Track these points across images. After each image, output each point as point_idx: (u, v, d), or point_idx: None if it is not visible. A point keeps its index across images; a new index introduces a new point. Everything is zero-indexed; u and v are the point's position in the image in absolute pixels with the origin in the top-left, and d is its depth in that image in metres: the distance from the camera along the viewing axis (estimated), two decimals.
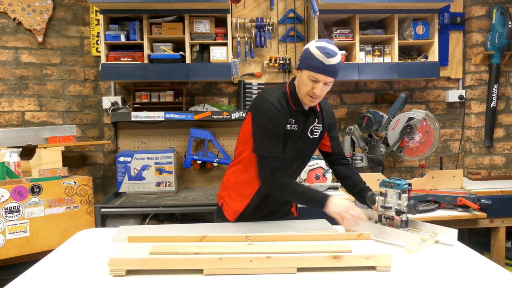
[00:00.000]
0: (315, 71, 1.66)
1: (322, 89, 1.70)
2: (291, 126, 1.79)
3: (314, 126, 1.87)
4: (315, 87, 1.69)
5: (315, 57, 1.66)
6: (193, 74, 2.92)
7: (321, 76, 1.67)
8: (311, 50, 1.67)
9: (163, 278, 1.33)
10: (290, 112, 1.78)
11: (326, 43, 1.68)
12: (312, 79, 1.68)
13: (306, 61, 1.69)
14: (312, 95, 1.72)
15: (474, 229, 3.06)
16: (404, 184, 1.68)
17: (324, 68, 1.65)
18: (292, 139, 1.81)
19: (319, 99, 1.76)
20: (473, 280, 1.31)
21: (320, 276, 1.34)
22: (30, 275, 1.39)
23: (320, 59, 1.65)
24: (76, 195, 2.67)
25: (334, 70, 1.67)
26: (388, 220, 1.72)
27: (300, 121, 1.81)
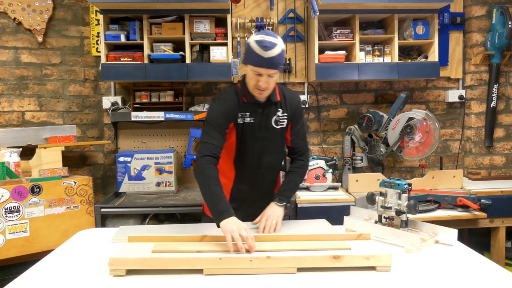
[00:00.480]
0: (256, 65, 1.70)
1: (267, 81, 1.73)
2: (243, 119, 1.84)
3: (279, 116, 1.89)
4: (260, 80, 1.73)
5: (254, 51, 1.69)
6: (193, 74, 2.92)
7: (262, 69, 1.70)
8: (251, 44, 1.71)
9: (163, 278, 1.33)
10: (241, 106, 1.84)
11: (264, 36, 1.69)
12: (255, 73, 1.72)
13: (247, 56, 1.74)
14: (258, 87, 1.76)
15: (474, 229, 3.06)
16: (404, 184, 1.68)
17: (263, 61, 1.68)
18: (251, 132, 1.85)
19: (267, 91, 1.79)
20: (473, 280, 1.31)
21: (320, 276, 1.34)
22: (30, 275, 1.39)
23: (259, 53, 1.67)
24: (76, 195, 2.66)
25: (274, 62, 1.69)
26: (388, 220, 1.72)
27: (256, 113, 1.85)
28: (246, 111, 1.84)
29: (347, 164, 3.02)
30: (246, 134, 1.85)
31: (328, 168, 2.92)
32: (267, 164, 1.93)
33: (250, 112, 1.84)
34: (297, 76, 3.32)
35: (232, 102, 1.83)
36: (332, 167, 2.93)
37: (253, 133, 1.86)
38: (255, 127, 1.86)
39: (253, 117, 1.85)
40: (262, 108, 1.86)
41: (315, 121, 3.39)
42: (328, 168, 2.92)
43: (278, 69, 1.74)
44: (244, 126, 1.84)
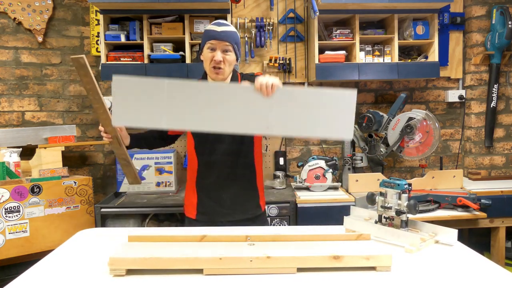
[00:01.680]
0: (209, 39, 1.79)
1: (222, 56, 1.78)
2: None
3: None
4: (215, 55, 1.78)
5: (208, 30, 1.81)
6: (193, 74, 2.92)
7: (215, 41, 1.78)
8: (206, 27, 1.85)
9: (163, 278, 1.33)
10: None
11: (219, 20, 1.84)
12: (210, 48, 1.79)
13: (203, 38, 1.83)
14: (214, 64, 1.79)
15: (474, 229, 3.06)
16: (404, 184, 1.68)
17: (217, 34, 1.77)
18: None
19: (222, 70, 1.81)
20: (473, 280, 1.31)
21: (320, 276, 1.34)
22: (30, 275, 1.39)
23: (212, 28, 1.79)
24: (76, 195, 2.67)
25: (227, 35, 1.78)
26: (388, 220, 1.72)
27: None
28: None
29: (347, 164, 3.03)
30: None
31: (328, 168, 2.92)
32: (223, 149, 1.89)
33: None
34: (297, 76, 3.32)
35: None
36: (332, 167, 2.93)
37: None
38: None
39: None
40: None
41: None
42: (328, 168, 2.92)
43: (231, 44, 1.79)
44: None
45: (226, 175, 1.92)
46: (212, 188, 1.93)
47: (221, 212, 1.94)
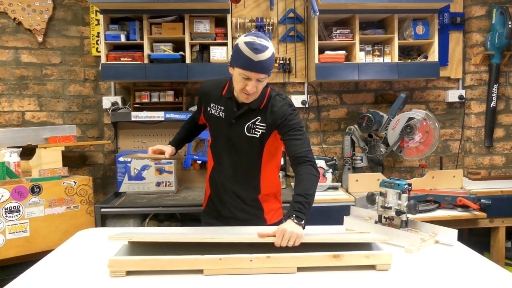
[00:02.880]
0: (245, 68, 1.59)
1: (255, 86, 1.64)
2: (214, 110, 1.82)
3: (254, 123, 1.77)
4: (248, 84, 1.63)
5: (244, 53, 1.57)
6: (193, 74, 2.92)
7: (251, 73, 1.60)
8: (240, 46, 1.60)
9: (163, 278, 1.33)
10: (218, 98, 1.81)
11: (254, 38, 1.59)
12: (244, 77, 1.62)
13: (236, 58, 1.62)
14: (246, 92, 1.66)
15: (474, 229, 3.06)
16: (404, 184, 1.68)
17: (254, 65, 1.58)
18: (218, 126, 1.84)
19: (254, 95, 1.70)
20: (473, 280, 1.31)
21: (320, 275, 1.34)
22: (30, 275, 1.39)
23: (249, 55, 1.56)
24: (76, 195, 2.66)
25: (264, 66, 1.60)
26: (388, 220, 1.72)
27: (229, 111, 1.79)
28: (221, 105, 1.80)
29: (347, 164, 3.03)
30: (214, 126, 1.87)
31: (328, 168, 2.92)
32: (228, 164, 1.86)
33: (225, 107, 1.79)
34: (297, 76, 3.32)
35: (211, 90, 1.85)
36: (332, 167, 2.93)
37: (220, 128, 1.83)
38: (223, 123, 1.81)
39: (225, 113, 1.79)
40: (237, 108, 1.78)
41: (315, 121, 3.39)
42: (328, 168, 2.92)
43: (268, 74, 1.64)
44: (211, 117, 1.85)
45: (232, 175, 1.90)
46: (219, 187, 1.94)
47: (224, 210, 1.94)
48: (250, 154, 1.85)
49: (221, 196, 1.93)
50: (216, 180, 1.94)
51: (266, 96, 1.79)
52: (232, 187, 1.90)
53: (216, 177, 1.94)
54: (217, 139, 1.88)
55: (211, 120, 1.86)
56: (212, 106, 1.82)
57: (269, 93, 1.80)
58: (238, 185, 1.90)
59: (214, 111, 1.82)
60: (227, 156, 1.88)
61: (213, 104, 1.82)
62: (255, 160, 1.86)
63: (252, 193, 1.92)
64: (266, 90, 1.79)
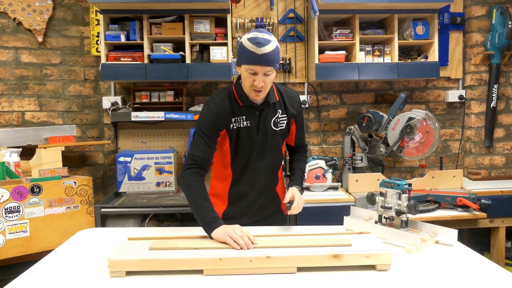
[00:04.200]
0: (250, 63, 1.64)
1: (263, 80, 1.67)
2: (238, 123, 1.78)
3: (278, 117, 1.83)
4: (256, 79, 1.66)
5: (248, 49, 1.63)
6: (193, 74, 2.92)
7: (257, 67, 1.64)
8: (243, 43, 1.65)
9: (163, 278, 1.33)
10: (236, 110, 1.77)
11: (257, 33, 1.65)
12: (250, 72, 1.66)
13: (241, 55, 1.68)
14: (254, 88, 1.69)
15: (474, 229, 3.06)
16: (404, 184, 1.68)
17: (258, 59, 1.62)
18: (247, 136, 1.80)
19: (264, 91, 1.72)
20: (473, 280, 1.31)
21: (320, 275, 1.34)
22: (30, 275, 1.39)
23: (252, 50, 1.62)
24: (76, 195, 2.66)
25: (269, 58, 1.63)
26: (388, 220, 1.72)
27: (252, 116, 1.79)
28: (242, 115, 1.78)
29: (347, 164, 3.03)
30: (241, 139, 1.79)
31: (328, 168, 2.92)
32: (266, 166, 1.87)
33: (246, 115, 1.78)
34: (297, 76, 3.32)
35: (224, 108, 1.75)
36: (332, 167, 2.93)
37: (250, 137, 1.80)
38: (252, 131, 1.79)
39: (249, 121, 1.78)
40: (259, 110, 1.79)
41: (315, 121, 3.39)
42: (328, 168, 2.92)
43: (274, 67, 1.67)
44: (239, 131, 1.78)
45: (258, 186, 1.89)
46: (242, 196, 1.89)
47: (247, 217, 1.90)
48: (278, 149, 1.91)
49: (243, 204, 1.89)
50: (240, 190, 1.87)
51: (274, 89, 1.87)
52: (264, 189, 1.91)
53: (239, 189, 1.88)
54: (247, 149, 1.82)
55: (239, 134, 1.79)
56: (233, 121, 1.78)
57: (275, 86, 1.89)
58: (269, 185, 1.93)
59: (238, 124, 1.78)
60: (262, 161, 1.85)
61: (233, 119, 1.78)
62: (280, 153, 1.94)
63: (273, 187, 1.96)
64: (272, 85, 1.86)
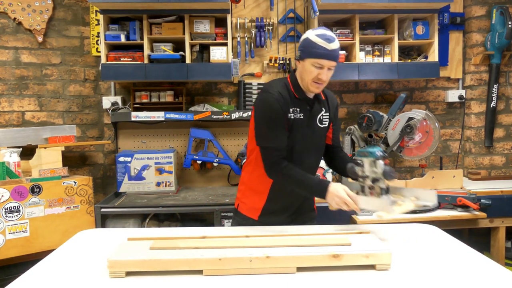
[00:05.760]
0: (320, 57, 1.72)
1: (326, 74, 1.76)
2: (295, 114, 1.81)
3: (322, 115, 1.90)
4: (321, 73, 1.74)
5: (318, 44, 1.71)
6: (193, 74, 2.92)
7: (325, 61, 1.72)
8: (312, 38, 1.73)
9: (163, 278, 1.33)
10: (292, 101, 1.81)
11: (324, 30, 1.74)
12: (317, 66, 1.73)
13: (309, 50, 1.74)
14: (318, 81, 1.77)
15: (474, 229, 3.06)
16: (376, 151, 1.66)
17: (328, 54, 1.71)
18: (299, 128, 1.82)
19: (325, 84, 1.80)
20: (473, 279, 1.31)
21: (320, 275, 1.34)
22: (30, 276, 1.39)
23: (323, 45, 1.70)
24: (76, 195, 2.67)
25: (336, 54, 1.74)
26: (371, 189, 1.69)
27: (305, 110, 1.84)
28: (297, 107, 1.83)
29: None
30: (294, 131, 1.83)
31: (328, 168, 2.91)
32: (310, 162, 1.90)
33: (300, 108, 1.84)
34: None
35: (284, 96, 1.80)
36: None
37: (301, 130, 1.84)
38: (303, 124, 1.83)
39: (302, 113, 1.84)
40: (310, 105, 1.86)
41: None
42: (328, 168, 2.91)
43: (337, 62, 1.77)
44: (294, 122, 1.82)
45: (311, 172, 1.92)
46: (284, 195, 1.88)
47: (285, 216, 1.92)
48: (321, 147, 1.96)
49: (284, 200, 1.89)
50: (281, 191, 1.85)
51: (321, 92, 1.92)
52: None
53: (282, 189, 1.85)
54: (297, 141, 1.84)
55: (293, 126, 1.81)
56: (291, 111, 1.81)
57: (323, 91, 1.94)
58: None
59: (295, 115, 1.82)
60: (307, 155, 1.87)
61: (292, 109, 1.82)
62: (322, 151, 1.99)
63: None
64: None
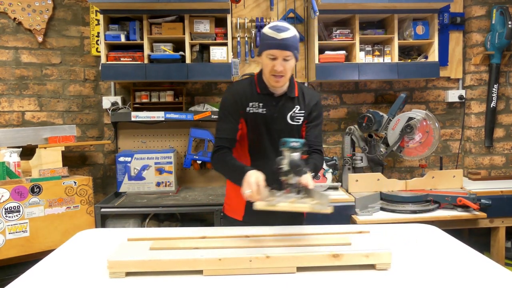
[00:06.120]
0: (270, 47, 1.73)
1: (282, 65, 1.74)
2: (255, 109, 1.84)
3: (295, 112, 1.89)
4: (275, 64, 1.74)
5: (268, 35, 1.74)
6: (193, 74, 2.92)
7: (276, 51, 1.73)
8: (264, 31, 1.77)
9: (163, 278, 1.33)
10: (254, 96, 1.85)
11: (277, 22, 1.77)
12: (270, 57, 1.75)
13: (262, 43, 1.78)
14: (274, 73, 1.77)
15: (474, 229, 3.06)
16: (291, 141, 1.55)
17: (278, 43, 1.71)
18: (264, 123, 1.85)
19: (284, 77, 1.79)
20: (473, 279, 1.31)
21: (320, 275, 1.34)
22: (30, 276, 1.39)
23: (272, 35, 1.72)
24: (76, 195, 2.67)
25: (287, 43, 1.72)
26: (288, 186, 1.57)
27: (269, 105, 1.85)
28: (259, 102, 1.85)
29: (347, 164, 3.02)
30: (258, 125, 1.86)
31: (328, 168, 2.92)
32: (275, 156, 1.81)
33: (263, 103, 1.85)
34: (297, 76, 3.31)
35: (244, 91, 1.85)
36: (332, 167, 2.93)
37: (267, 124, 1.86)
38: (267, 119, 1.85)
39: (265, 108, 1.85)
40: (276, 101, 1.86)
41: None
42: (328, 168, 2.92)
43: (293, 53, 1.75)
44: (256, 116, 1.84)
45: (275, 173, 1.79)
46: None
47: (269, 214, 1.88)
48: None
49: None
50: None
51: (295, 85, 1.92)
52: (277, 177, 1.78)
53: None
54: (259, 136, 1.87)
55: (253, 119, 1.85)
56: (251, 105, 1.85)
57: (297, 83, 1.94)
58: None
59: (255, 109, 1.85)
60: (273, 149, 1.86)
61: (251, 103, 1.85)
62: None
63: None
64: (294, 81, 1.92)
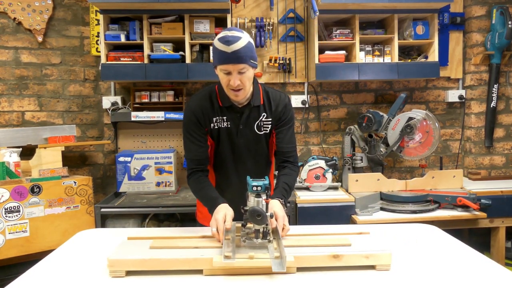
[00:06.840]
0: (222, 62, 1.60)
1: (238, 78, 1.61)
2: (219, 123, 1.75)
3: (262, 121, 1.78)
4: (230, 79, 1.61)
5: (218, 49, 1.60)
6: (193, 74, 2.92)
7: (229, 66, 1.59)
8: (215, 43, 1.62)
9: (163, 278, 1.33)
10: (216, 110, 1.74)
11: (227, 32, 1.61)
12: (225, 72, 1.62)
13: (214, 56, 1.65)
14: (231, 87, 1.64)
15: (474, 229, 3.06)
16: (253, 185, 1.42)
17: (229, 57, 1.57)
18: (228, 137, 1.77)
19: (243, 90, 1.66)
20: (473, 279, 1.31)
21: (320, 275, 1.34)
22: (30, 276, 1.39)
23: (222, 49, 1.58)
24: (76, 195, 2.67)
25: (239, 55, 1.57)
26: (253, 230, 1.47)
27: (233, 118, 1.75)
28: (222, 115, 1.74)
29: (347, 164, 3.03)
30: (222, 140, 1.77)
31: (328, 168, 2.92)
32: (245, 169, 1.80)
33: (227, 116, 1.74)
34: (297, 76, 3.32)
35: (205, 107, 1.72)
36: (332, 167, 2.93)
37: (231, 138, 1.76)
38: (232, 132, 1.76)
39: (229, 122, 1.74)
40: (240, 113, 1.75)
41: (315, 121, 3.39)
42: (328, 168, 2.92)
43: (247, 64, 1.60)
44: (220, 131, 1.75)
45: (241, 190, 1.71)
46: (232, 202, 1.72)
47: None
48: (262, 154, 1.85)
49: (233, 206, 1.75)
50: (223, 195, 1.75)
51: (260, 91, 1.79)
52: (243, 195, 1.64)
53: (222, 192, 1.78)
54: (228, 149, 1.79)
55: (219, 135, 1.77)
56: (215, 121, 1.75)
57: (262, 88, 1.81)
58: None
59: (219, 124, 1.75)
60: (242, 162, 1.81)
61: (215, 119, 1.75)
62: (265, 158, 1.87)
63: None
64: (258, 87, 1.80)
